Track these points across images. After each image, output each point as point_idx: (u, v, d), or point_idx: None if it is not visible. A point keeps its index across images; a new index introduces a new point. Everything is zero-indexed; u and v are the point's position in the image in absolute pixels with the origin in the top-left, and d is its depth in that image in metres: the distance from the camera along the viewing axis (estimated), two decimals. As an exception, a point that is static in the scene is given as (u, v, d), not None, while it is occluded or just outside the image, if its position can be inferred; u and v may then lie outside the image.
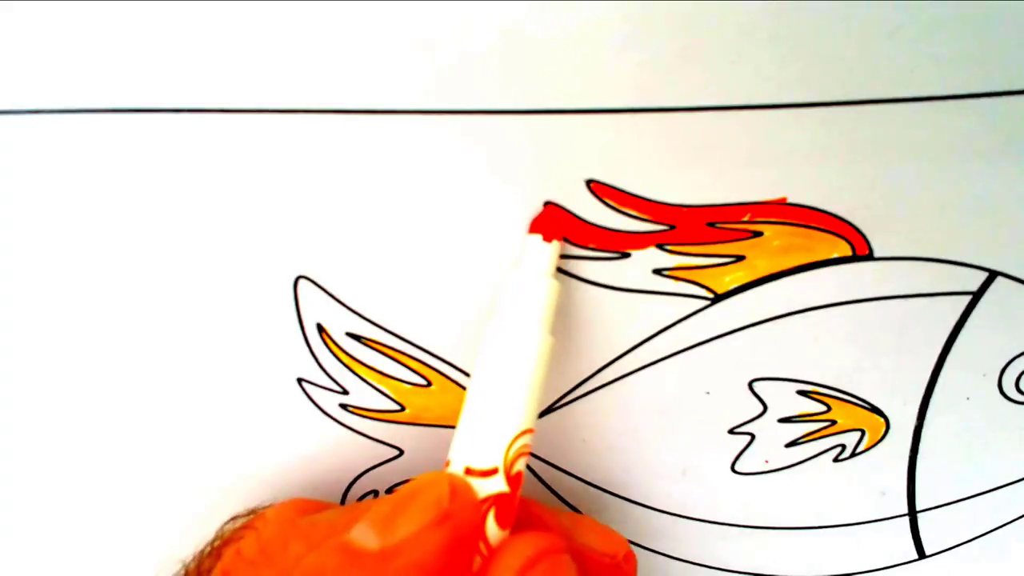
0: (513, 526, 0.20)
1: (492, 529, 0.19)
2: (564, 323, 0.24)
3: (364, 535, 0.18)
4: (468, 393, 0.21)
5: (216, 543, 0.23)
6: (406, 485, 0.19)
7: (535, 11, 0.18)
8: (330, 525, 0.21)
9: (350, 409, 0.25)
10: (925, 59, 0.19)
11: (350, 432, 0.26)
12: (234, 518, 0.24)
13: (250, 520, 0.23)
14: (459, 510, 0.18)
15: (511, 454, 0.20)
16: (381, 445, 0.26)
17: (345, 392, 0.25)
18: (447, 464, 0.20)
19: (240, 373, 0.24)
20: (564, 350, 0.24)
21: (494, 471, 0.19)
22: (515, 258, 0.22)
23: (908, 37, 0.18)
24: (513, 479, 0.20)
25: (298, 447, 0.26)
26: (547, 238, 0.21)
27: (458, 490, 0.19)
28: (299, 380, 0.25)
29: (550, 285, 0.21)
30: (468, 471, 0.19)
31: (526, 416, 0.20)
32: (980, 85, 0.19)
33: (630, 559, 0.23)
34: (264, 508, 0.24)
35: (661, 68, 0.19)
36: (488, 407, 0.20)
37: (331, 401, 0.25)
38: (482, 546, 0.19)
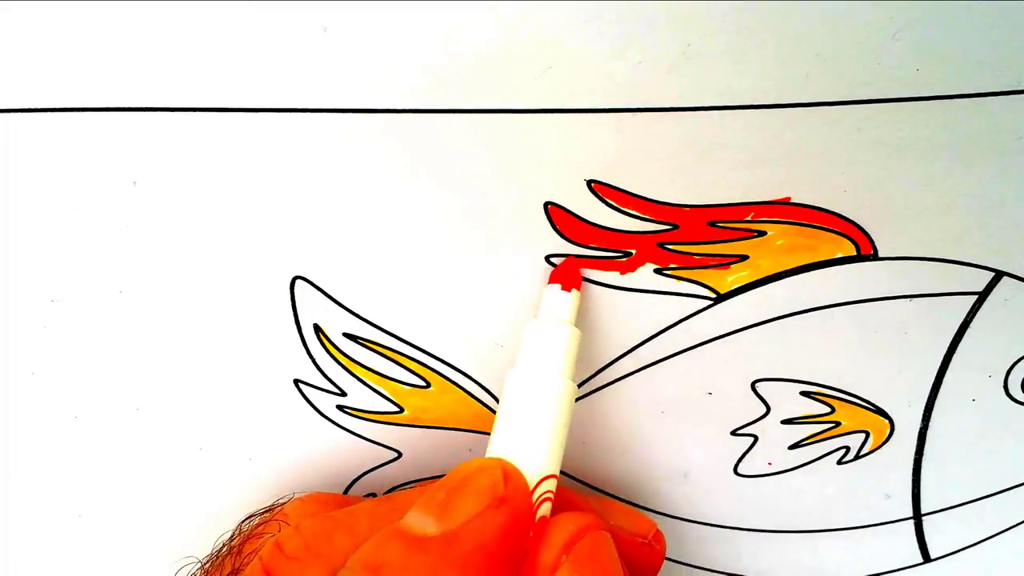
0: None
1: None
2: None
3: (421, 521, 0.18)
4: (491, 440, 0.21)
5: (235, 541, 0.23)
6: (455, 470, 0.19)
7: (535, 10, 0.18)
8: (371, 516, 0.21)
9: (348, 411, 0.25)
10: (930, 59, 0.19)
11: (348, 434, 0.26)
12: (250, 516, 0.24)
13: (270, 515, 0.23)
14: (513, 494, 0.19)
15: (535, 500, 0.20)
16: (379, 447, 0.26)
17: (343, 394, 0.25)
18: None
19: (237, 375, 0.24)
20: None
21: None
22: (535, 306, 0.23)
23: (913, 37, 0.18)
24: (537, 525, 0.20)
25: (295, 450, 0.26)
26: (566, 287, 0.22)
27: (510, 475, 0.19)
28: (296, 382, 0.25)
29: (571, 333, 0.21)
30: None
31: (549, 462, 0.20)
32: (985, 84, 0.19)
33: (659, 539, 0.23)
34: (281, 503, 0.24)
35: (662, 68, 0.19)
36: (511, 455, 0.20)
37: (328, 403, 0.25)
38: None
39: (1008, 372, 0.25)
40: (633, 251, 0.22)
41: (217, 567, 0.22)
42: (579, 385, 0.25)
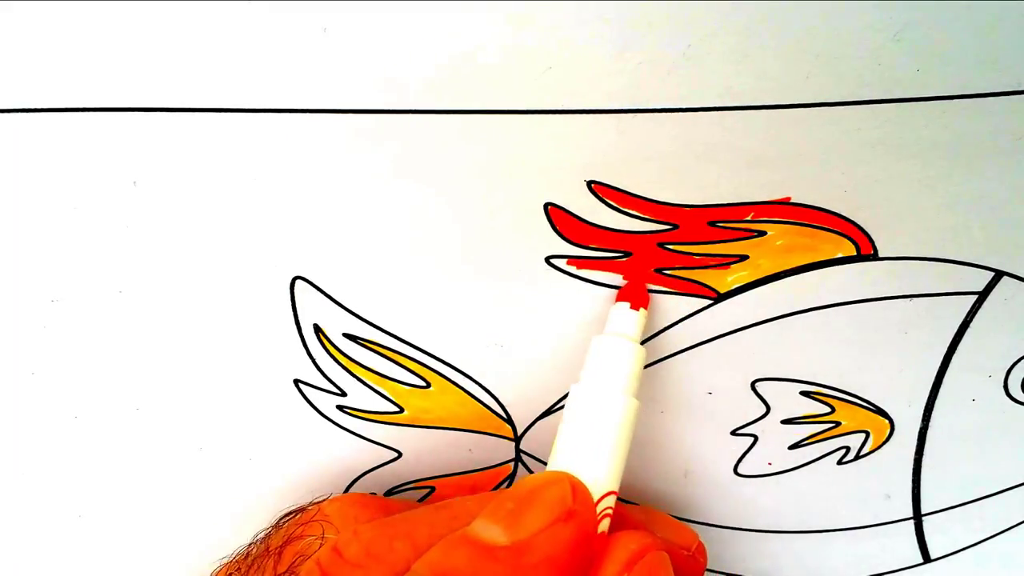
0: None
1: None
2: (564, 323, 0.23)
3: (490, 530, 0.18)
4: (554, 453, 0.21)
5: (272, 540, 0.23)
6: (523, 481, 0.19)
7: (535, 11, 0.18)
8: (430, 524, 0.21)
9: (348, 411, 0.25)
10: (931, 59, 0.19)
11: (348, 434, 0.26)
12: (288, 514, 0.24)
13: (306, 515, 0.23)
14: (581, 509, 0.19)
15: (597, 515, 0.20)
16: (379, 447, 0.26)
17: (343, 394, 0.25)
18: None
19: (237, 375, 0.24)
20: (564, 350, 0.24)
21: None
22: (602, 323, 0.23)
23: (914, 37, 0.18)
24: (598, 540, 0.20)
25: (295, 450, 0.26)
26: (635, 306, 0.22)
27: (578, 489, 0.19)
28: (296, 382, 0.25)
29: (637, 351, 0.22)
30: None
31: (611, 479, 0.20)
32: (986, 85, 0.19)
33: (702, 551, 0.24)
34: (317, 502, 0.24)
35: (662, 68, 0.19)
36: (574, 469, 0.20)
37: (328, 403, 0.25)
38: None
39: (1008, 372, 0.25)
40: (633, 251, 0.22)
41: (258, 569, 0.22)
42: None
